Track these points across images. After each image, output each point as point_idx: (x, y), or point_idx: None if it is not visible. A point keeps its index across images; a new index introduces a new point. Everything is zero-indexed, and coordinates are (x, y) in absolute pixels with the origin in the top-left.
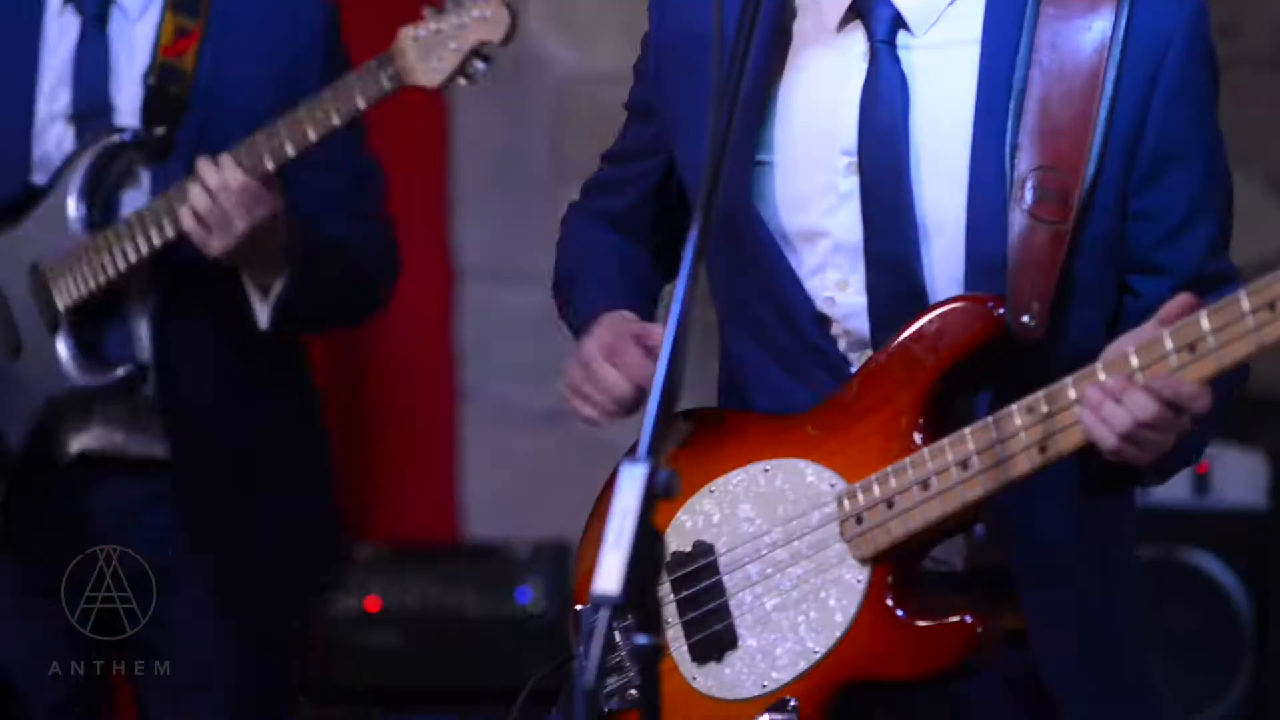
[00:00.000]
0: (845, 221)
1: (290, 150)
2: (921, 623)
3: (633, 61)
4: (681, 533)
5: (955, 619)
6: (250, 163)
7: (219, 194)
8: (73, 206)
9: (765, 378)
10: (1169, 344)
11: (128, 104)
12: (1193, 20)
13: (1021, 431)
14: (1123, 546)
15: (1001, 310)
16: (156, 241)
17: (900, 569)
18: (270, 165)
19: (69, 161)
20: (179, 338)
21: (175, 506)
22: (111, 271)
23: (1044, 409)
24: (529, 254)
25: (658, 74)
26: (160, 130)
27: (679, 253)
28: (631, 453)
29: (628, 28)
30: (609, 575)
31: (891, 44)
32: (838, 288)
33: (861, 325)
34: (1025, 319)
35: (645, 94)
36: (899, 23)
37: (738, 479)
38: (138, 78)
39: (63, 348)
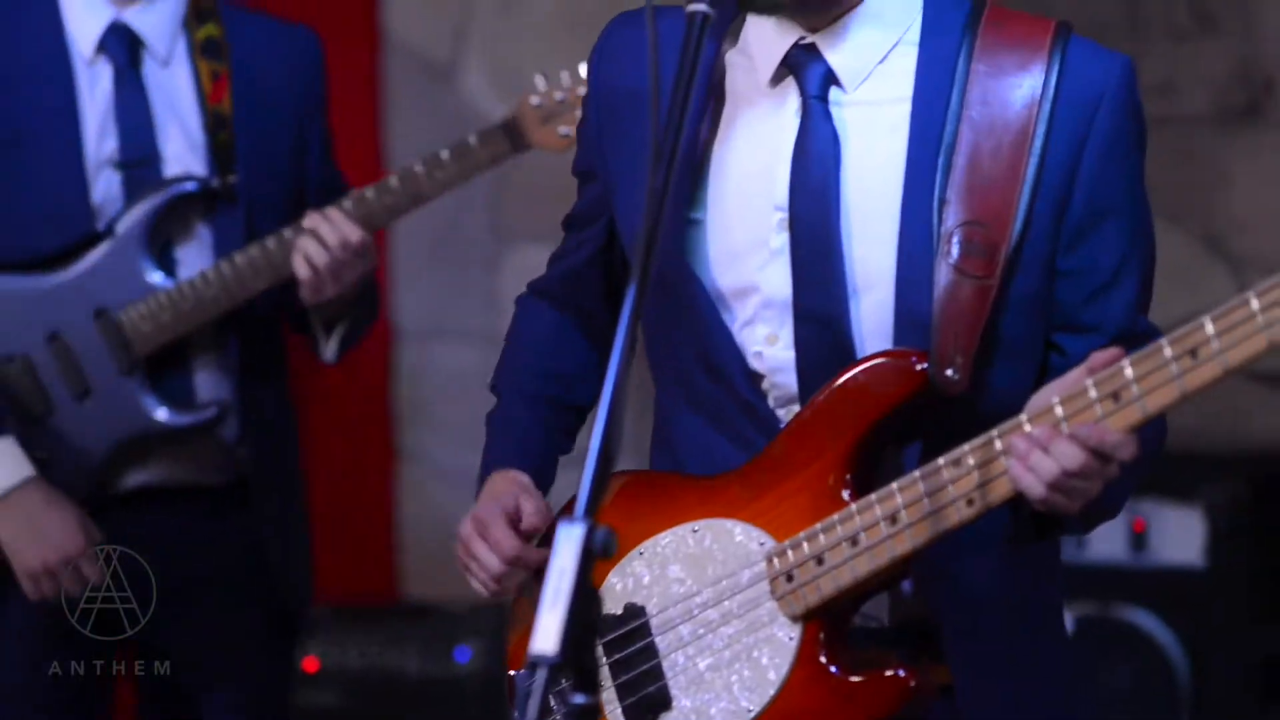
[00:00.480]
0: (775, 277)
1: (406, 205)
2: (855, 678)
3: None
4: (612, 595)
5: (889, 673)
6: (363, 217)
7: (337, 248)
8: (137, 253)
9: (696, 434)
10: (1093, 393)
11: (175, 151)
12: (1122, 79)
13: (949, 484)
14: (1050, 597)
15: (924, 365)
16: (255, 288)
17: (831, 625)
18: (384, 221)
19: (129, 208)
20: (252, 377)
21: (245, 530)
22: (202, 318)
23: (970, 461)
24: (467, 316)
25: (598, 134)
26: (229, 179)
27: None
28: (567, 512)
29: None
30: (546, 635)
31: (824, 100)
32: (767, 342)
33: (790, 380)
34: (949, 372)
35: (588, 156)
36: (831, 79)
37: (666, 540)
38: (182, 124)
39: (143, 390)
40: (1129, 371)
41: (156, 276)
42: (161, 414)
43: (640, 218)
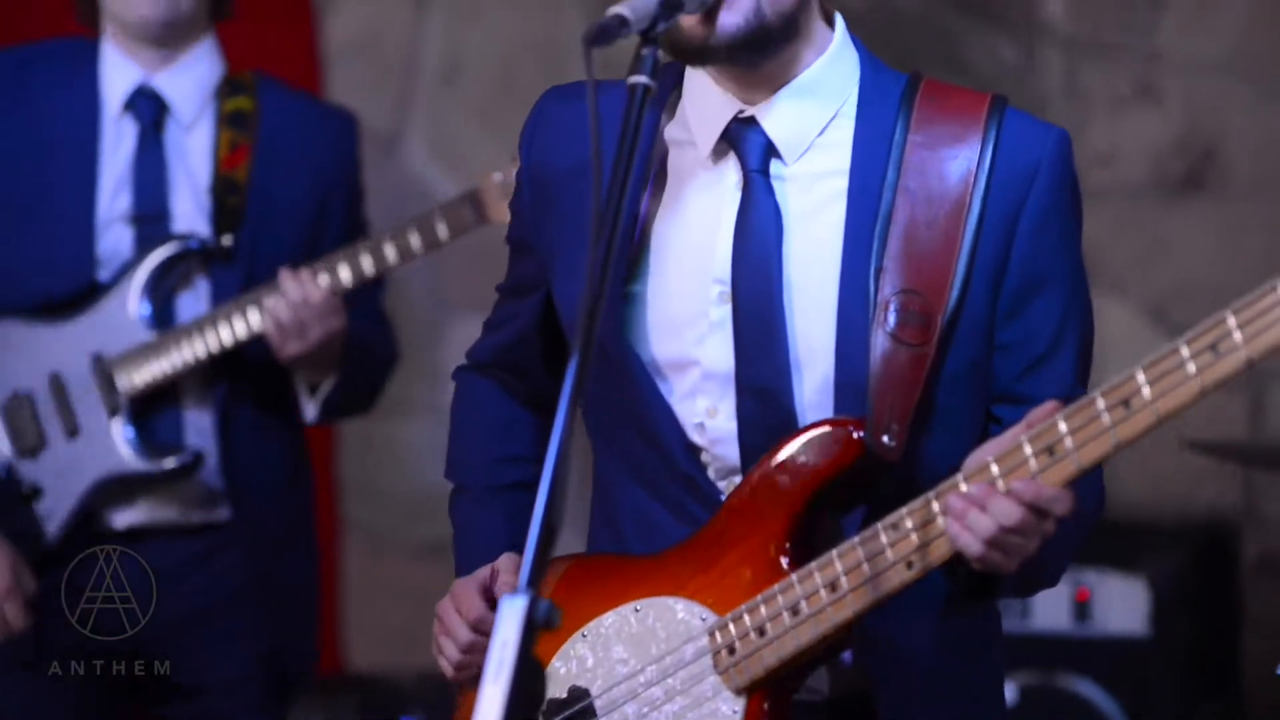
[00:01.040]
0: (716, 350)
1: (370, 270)
2: None
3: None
4: (556, 679)
5: None
6: (330, 277)
7: (300, 306)
8: (136, 304)
9: (636, 505)
10: (1028, 449)
11: (184, 210)
12: (1057, 151)
13: (888, 549)
14: (990, 669)
15: (861, 433)
16: (228, 342)
17: (775, 697)
18: (349, 283)
19: (134, 261)
20: (240, 428)
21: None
22: (180, 365)
23: (909, 524)
24: (409, 388)
25: (532, 209)
26: (227, 240)
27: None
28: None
29: (507, 163)
30: (490, 707)
31: (765, 173)
32: (707, 414)
33: (731, 452)
34: (885, 439)
35: (522, 229)
36: (771, 151)
37: (610, 621)
38: (194, 186)
39: (122, 434)
40: (1062, 425)
41: (152, 325)
42: (135, 457)
43: (580, 290)
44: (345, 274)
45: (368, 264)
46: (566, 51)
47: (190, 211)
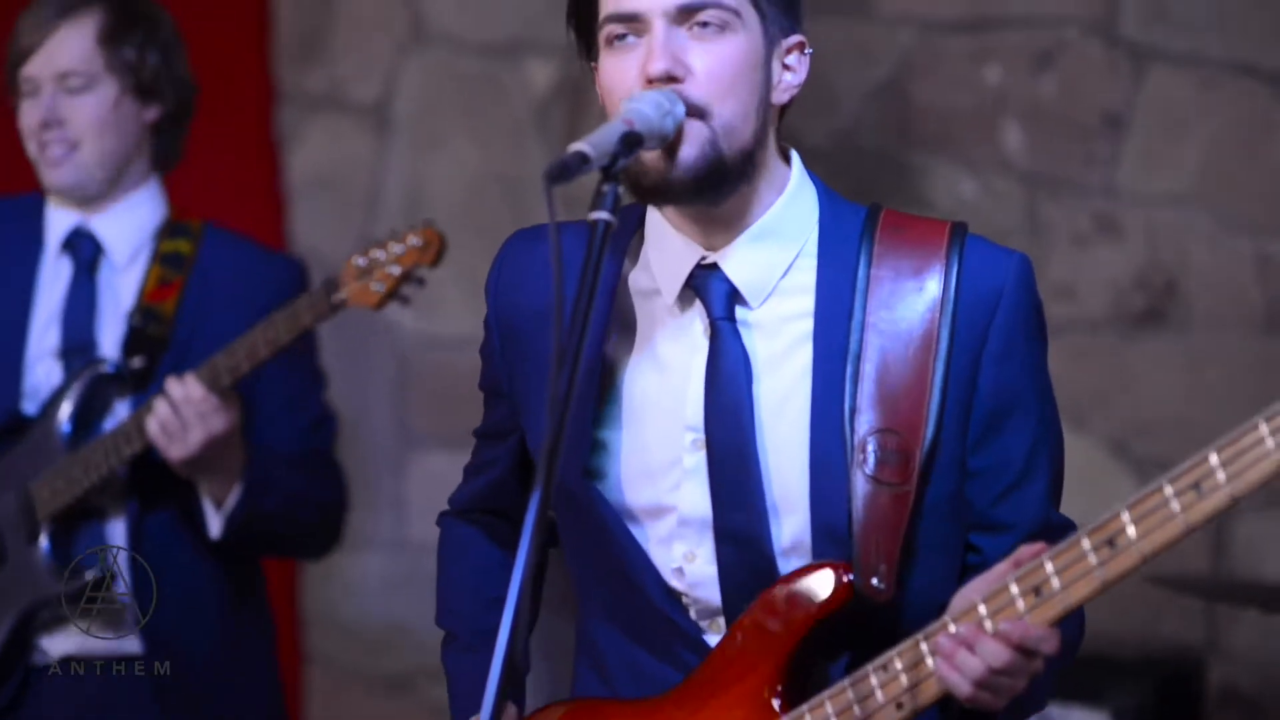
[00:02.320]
0: (691, 496)
1: (246, 366)
2: None
3: (475, 327)
4: None
5: None
6: (209, 378)
7: (180, 406)
8: (61, 433)
9: (621, 652)
10: (1014, 589)
11: (110, 342)
12: (1018, 276)
13: (878, 690)
14: None
15: (850, 576)
16: (127, 453)
17: None
18: (227, 380)
19: (59, 392)
20: (154, 544)
21: (151, 700)
22: (87, 483)
23: (898, 665)
24: (372, 522)
25: (502, 353)
26: (138, 363)
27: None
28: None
29: (470, 295)
30: None
31: (731, 319)
32: (685, 559)
33: (712, 594)
34: (874, 581)
35: (493, 374)
36: (736, 297)
37: None
38: (120, 320)
39: (40, 557)
40: (1049, 565)
41: (72, 450)
42: (46, 580)
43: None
44: (225, 374)
45: (243, 360)
46: (528, 185)
47: (116, 343)
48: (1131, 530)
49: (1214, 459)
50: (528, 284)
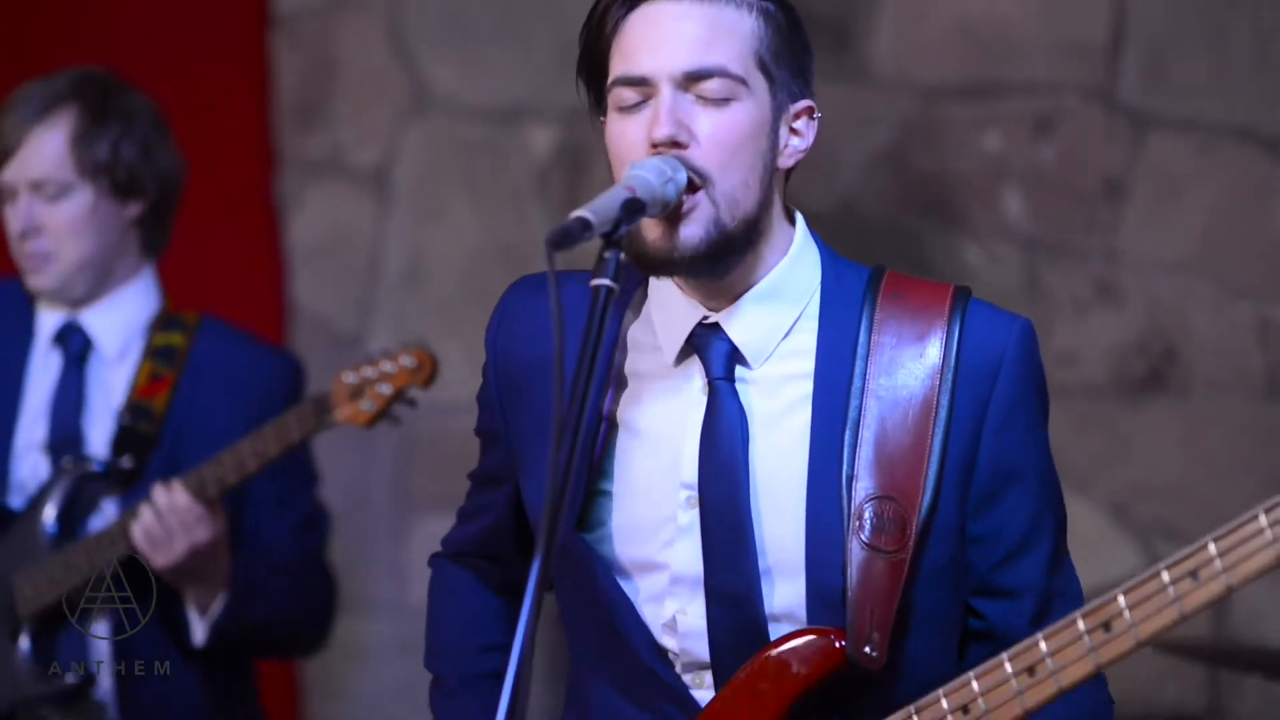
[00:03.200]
0: (684, 554)
1: (233, 478)
2: None
3: (476, 393)
4: None
5: None
6: (196, 487)
7: (165, 514)
8: (46, 529)
9: (607, 705)
10: (1009, 668)
11: (99, 437)
12: (1020, 343)
13: None
14: None
15: (843, 643)
16: (110, 556)
17: None
18: (214, 491)
19: (46, 488)
20: (139, 649)
21: None
22: (69, 584)
23: None
24: (374, 586)
25: (499, 401)
26: (127, 462)
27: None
28: None
29: (470, 359)
30: None
31: (730, 379)
32: (677, 614)
33: (700, 648)
34: (867, 649)
35: (491, 421)
36: (736, 357)
37: None
38: (110, 414)
39: (20, 656)
40: (1044, 645)
41: (57, 548)
42: (33, 680)
43: (543, 490)
44: (211, 484)
45: (231, 472)
46: (530, 253)
47: (104, 438)
48: (1127, 615)
49: (1212, 548)
50: (527, 334)
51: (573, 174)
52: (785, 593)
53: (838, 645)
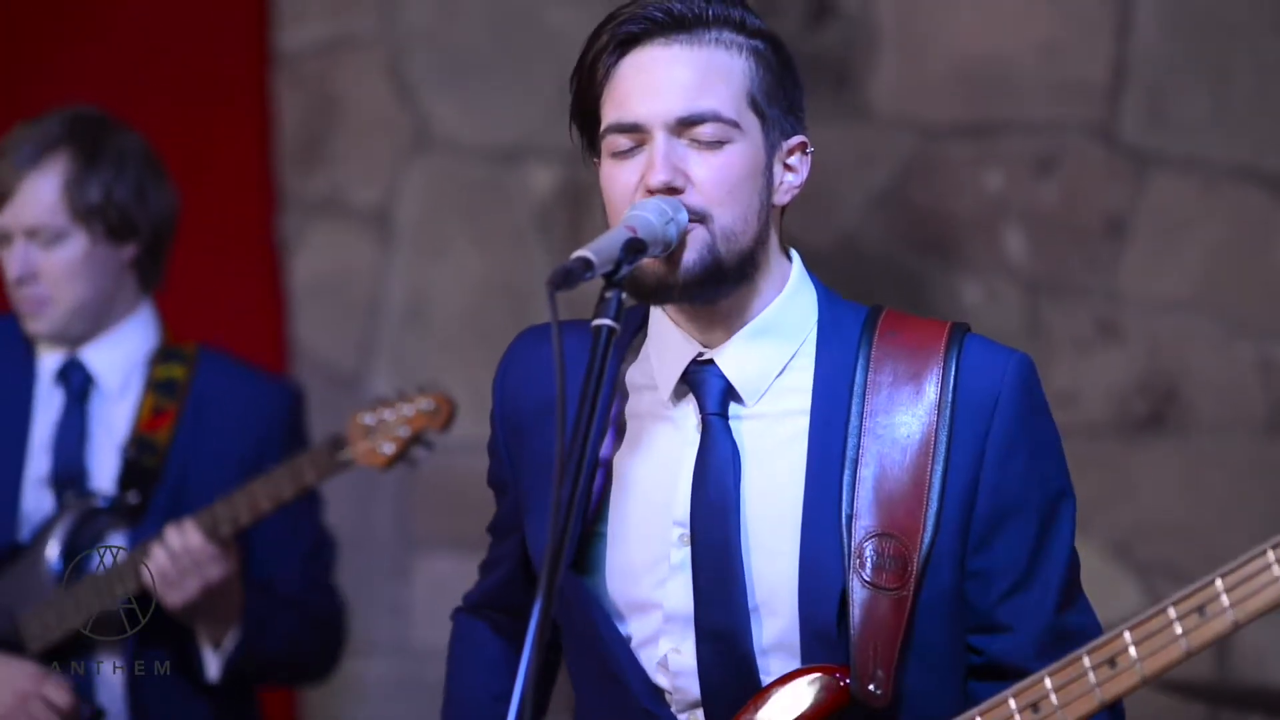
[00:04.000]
0: (676, 592)
1: (246, 518)
2: None
3: (479, 432)
4: None
5: None
6: (209, 527)
7: (179, 555)
8: (51, 563)
9: None
10: (1013, 704)
11: (102, 471)
12: (1016, 378)
13: None
14: None
15: (846, 681)
16: (120, 593)
17: None
18: (227, 531)
19: (50, 522)
20: (150, 686)
21: None
22: (77, 621)
23: None
24: (375, 625)
25: (507, 450)
26: (132, 497)
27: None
28: None
29: (473, 398)
30: None
31: (723, 416)
32: (670, 655)
33: (692, 685)
34: (872, 687)
35: (499, 471)
36: (730, 394)
37: None
38: (114, 448)
39: None
40: (1048, 682)
41: (62, 583)
42: None
43: (546, 530)
44: (224, 524)
45: (244, 512)
46: (531, 291)
47: (108, 472)
48: (1133, 651)
49: (1219, 584)
50: (533, 381)
51: (574, 213)
52: (775, 628)
53: (841, 684)
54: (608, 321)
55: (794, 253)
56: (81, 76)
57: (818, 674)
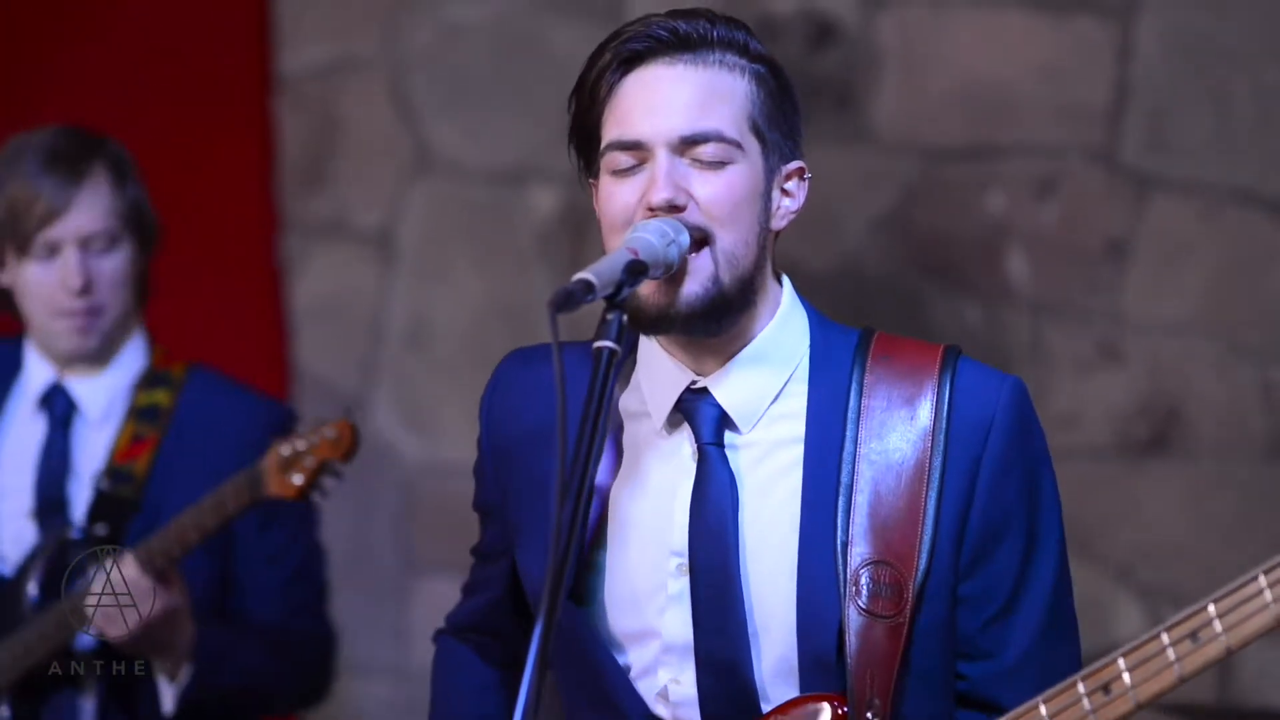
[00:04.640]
0: (675, 622)
1: (176, 550)
2: None
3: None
4: None
5: None
6: (144, 559)
7: (118, 586)
8: (29, 598)
9: None
10: None
11: (82, 498)
12: (1011, 403)
13: None
14: None
15: (845, 709)
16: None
17: None
18: (161, 562)
19: (32, 556)
20: (118, 715)
21: None
22: (41, 652)
23: None
24: (374, 648)
25: (494, 474)
26: (101, 529)
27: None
28: None
29: (473, 421)
30: None
31: (719, 444)
32: (670, 685)
33: (693, 716)
34: (869, 715)
35: (486, 495)
36: (725, 422)
37: None
38: (92, 475)
39: None
40: (1043, 709)
41: (39, 614)
42: None
43: (541, 559)
44: (158, 556)
45: (174, 544)
46: (533, 314)
47: (87, 502)
48: (1127, 677)
49: (1212, 609)
50: (522, 405)
51: (576, 235)
52: (774, 656)
53: (840, 712)
54: (609, 344)
55: (785, 278)
56: (81, 91)
57: (816, 702)
